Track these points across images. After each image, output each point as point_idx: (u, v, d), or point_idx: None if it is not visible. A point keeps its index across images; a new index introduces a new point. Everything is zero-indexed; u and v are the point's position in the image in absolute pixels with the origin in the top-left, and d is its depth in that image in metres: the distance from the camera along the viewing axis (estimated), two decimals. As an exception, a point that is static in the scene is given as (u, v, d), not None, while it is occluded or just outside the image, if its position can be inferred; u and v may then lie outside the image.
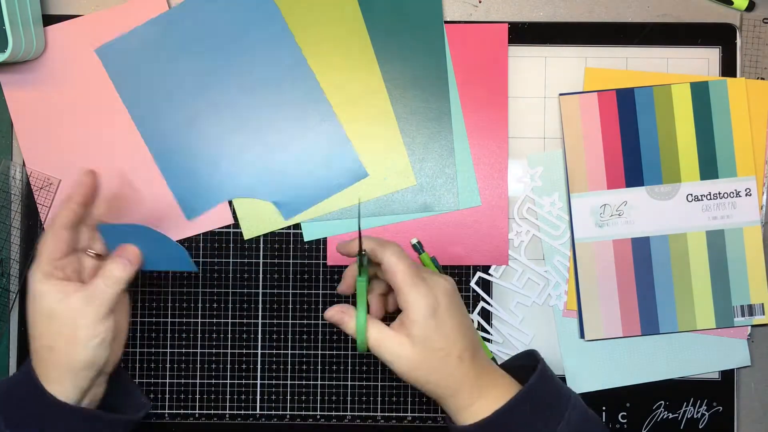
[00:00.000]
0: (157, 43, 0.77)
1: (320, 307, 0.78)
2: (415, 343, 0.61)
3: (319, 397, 0.78)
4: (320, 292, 0.78)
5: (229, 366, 0.78)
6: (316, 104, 0.77)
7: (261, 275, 0.78)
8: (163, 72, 0.77)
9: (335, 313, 0.64)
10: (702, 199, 0.77)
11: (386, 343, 0.61)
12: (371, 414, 0.78)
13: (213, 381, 0.78)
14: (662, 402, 0.78)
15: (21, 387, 0.61)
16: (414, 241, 0.77)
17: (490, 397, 0.62)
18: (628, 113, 0.77)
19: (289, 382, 0.78)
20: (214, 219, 0.78)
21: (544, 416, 0.62)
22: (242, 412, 0.78)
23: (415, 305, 0.61)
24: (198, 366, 0.78)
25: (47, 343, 0.60)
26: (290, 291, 0.78)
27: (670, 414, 0.78)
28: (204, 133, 0.77)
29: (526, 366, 0.66)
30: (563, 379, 0.78)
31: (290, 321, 0.78)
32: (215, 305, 0.78)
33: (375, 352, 0.62)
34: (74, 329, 0.59)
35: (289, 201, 0.77)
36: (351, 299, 0.78)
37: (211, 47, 0.77)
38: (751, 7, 0.78)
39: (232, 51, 0.77)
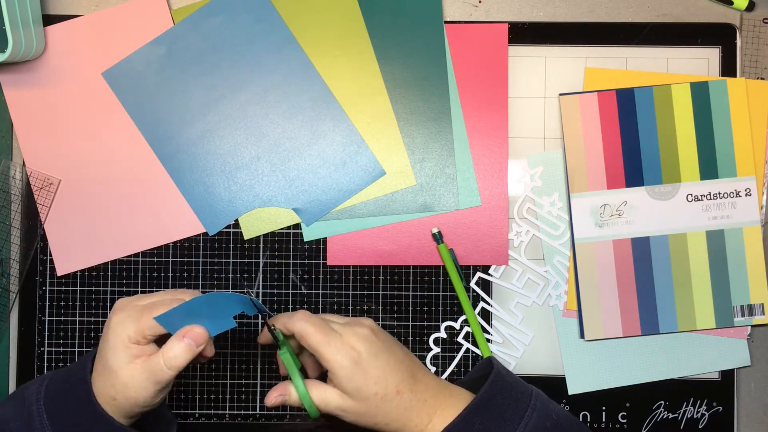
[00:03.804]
0: (163, 61, 0.77)
1: (320, 307, 0.78)
2: (350, 395, 0.62)
3: (319, 397, 0.78)
4: (320, 292, 0.78)
5: (229, 366, 0.78)
6: (327, 108, 0.77)
7: (261, 275, 0.78)
8: (171, 90, 0.77)
9: (276, 396, 0.65)
10: (702, 199, 0.77)
11: (330, 399, 0.63)
12: (371, 414, 0.78)
13: (213, 381, 0.78)
14: (662, 402, 0.78)
15: (75, 395, 0.63)
16: (435, 230, 0.76)
17: (443, 415, 0.64)
18: (628, 113, 0.77)
19: (289, 382, 0.78)
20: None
21: (501, 424, 0.62)
22: (242, 412, 0.78)
23: (335, 362, 0.62)
24: (198, 366, 0.78)
25: (112, 393, 0.62)
26: (290, 291, 0.78)
27: (670, 414, 0.78)
28: (218, 146, 0.77)
29: (487, 375, 0.66)
30: (563, 379, 0.78)
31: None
32: (215, 305, 0.78)
33: (324, 411, 0.63)
34: (135, 394, 0.61)
35: (308, 207, 0.77)
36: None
37: (216, 61, 0.77)
38: (751, 7, 0.78)
39: (238, 63, 0.77)
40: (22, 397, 0.64)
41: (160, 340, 0.63)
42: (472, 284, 0.78)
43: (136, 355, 0.61)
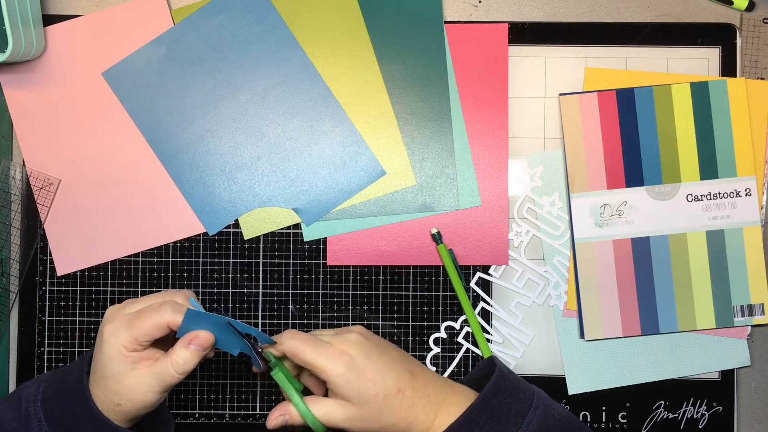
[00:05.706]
0: (163, 62, 0.77)
1: (320, 307, 0.78)
2: (352, 402, 0.62)
3: (319, 397, 0.78)
4: (320, 292, 0.78)
5: (229, 366, 0.78)
6: (327, 108, 0.77)
7: (261, 275, 0.78)
8: (171, 90, 0.77)
9: (276, 417, 0.64)
10: (702, 199, 0.77)
11: (333, 412, 0.63)
12: (371, 414, 0.78)
13: (213, 381, 0.78)
14: (662, 402, 0.78)
15: (72, 397, 0.63)
16: (434, 230, 0.76)
17: (447, 413, 0.64)
18: (628, 113, 0.77)
19: (289, 382, 0.78)
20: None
21: (504, 423, 0.63)
22: (242, 412, 0.78)
23: (331, 371, 0.62)
24: (198, 366, 0.78)
25: (116, 400, 0.62)
26: (290, 291, 0.78)
27: (670, 414, 0.78)
28: (218, 146, 0.77)
29: (488, 375, 0.66)
30: (563, 379, 0.78)
31: (290, 321, 0.78)
32: (215, 305, 0.78)
33: (330, 425, 0.63)
34: (142, 398, 0.61)
35: (308, 207, 0.77)
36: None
37: (216, 61, 0.77)
38: (751, 7, 0.78)
39: (238, 63, 0.77)
40: (19, 398, 0.64)
41: (159, 343, 0.63)
42: (472, 284, 0.78)
43: (137, 361, 0.61)
